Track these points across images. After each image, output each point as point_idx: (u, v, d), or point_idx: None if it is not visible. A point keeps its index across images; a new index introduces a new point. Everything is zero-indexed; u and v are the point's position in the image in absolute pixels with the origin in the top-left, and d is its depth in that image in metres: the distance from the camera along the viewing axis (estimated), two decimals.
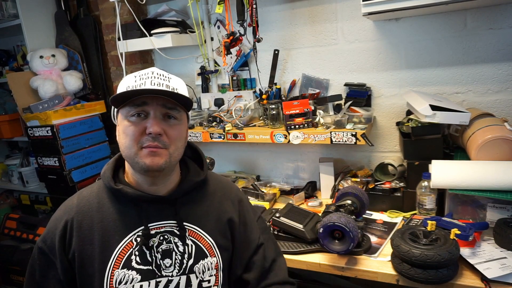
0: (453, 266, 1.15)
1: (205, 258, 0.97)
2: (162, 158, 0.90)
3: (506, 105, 1.62)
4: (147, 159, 0.89)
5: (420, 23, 1.67)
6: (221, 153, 2.28)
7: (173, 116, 0.93)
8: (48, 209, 2.60)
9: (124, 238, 0.93)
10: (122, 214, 0.95)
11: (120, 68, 2.23)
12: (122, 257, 0.92)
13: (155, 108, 0.90)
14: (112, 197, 0.97)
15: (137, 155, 0.90)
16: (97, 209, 0.95)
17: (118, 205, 0.96)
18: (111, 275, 0.90)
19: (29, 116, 2.23)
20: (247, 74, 2.10)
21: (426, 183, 1.48)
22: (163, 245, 0.94)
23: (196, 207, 1.01)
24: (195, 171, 1.05)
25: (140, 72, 0.94)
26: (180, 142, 0.95)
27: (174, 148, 0.93)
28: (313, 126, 1.76)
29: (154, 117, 0.89)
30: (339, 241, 1.29)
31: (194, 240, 0.97)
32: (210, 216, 1.02)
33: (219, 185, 1.09)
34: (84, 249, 0.92)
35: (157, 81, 0.91)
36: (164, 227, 0.95)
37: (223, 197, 1.07)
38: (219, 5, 1.74)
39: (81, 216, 0.94)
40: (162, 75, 0.94)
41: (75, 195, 1.01)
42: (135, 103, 0.90)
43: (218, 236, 1.01)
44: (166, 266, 0.94)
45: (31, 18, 2.41)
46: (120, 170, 1.02)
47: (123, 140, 0.92)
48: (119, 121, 0.94)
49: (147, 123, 0.89)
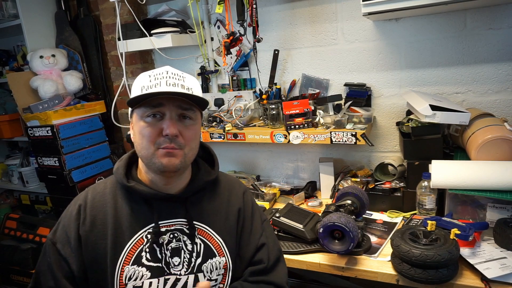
0: (453, 266, 1.15)
1: (214, 258, 0.98)
2: (177, 159, 0.91)
3: (506, 105, 1.62)
4: (164, 159, 0.90)
5: (420, 23, 1.67)
6: (221, 153, 2.28)
7: (189, 116, 0.94)
8: (48, 209, 2.60)
9: (135, 234, 0.94)
10: (134, 210, 0.96)
11: (120, 68, 2.23)
12: (133, 254, 0.93)
13: (171, 109, 0.90)
14: (125, 194, 0.98)
15: (154, 155, 0.91)
16: (111, 205, 0.96)
17: (130, 202, 0.97)
18: (121, 271, 0.91)
19: (29, 116, 2.23)
20: (247, 74, 2.10)
21: (426, 183, 1.48)
22: (173, 243, 0.95)
23: (206, 206, 1.02)
24: (206, 170, 1.06)
25: (154, 71, 0.94)
26: (194, 142, 0.96)
27: (189, 148, 0.94)
28: (313, 126, 1.76)
29: (170, 118, 0.90)
30: (339, 241, 1.29)
31: (203, 239, 0.98)
32: (219, 215, 1.02)
33: (229, 185, 1.10)
34: (98, 244, 0.93)
35: (172, 81, 0.91)
36: (174, 225, 0.97)
37: (233, 197, 1.08)
38: (219, 5, 1.74)
39: (95, 209, 0.96)
40: (177, 74, 0.94)
41: (90, 189, 1.02)
42: (151, 104, 0.90)
43: (227, 236, 1.01)
44: (175, 264, 0.94)
45: (31, 18, 2.41)
46: (133, 167, 1.03)
47: (139, 140, 0.93)
48: (135, 121, 0.95)
49: (163, 124, 0.90)
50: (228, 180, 1.13)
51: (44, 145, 2.22)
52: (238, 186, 1.13)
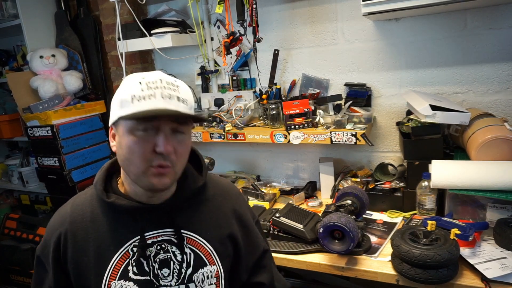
0: (453, 266, 1.15)
1: (205, 267, 0.94)
2: (169, 178, 0.86)
3: (506, 105, 1.62)
4: (154, 180, 0.84)
5: (420, 23, 1.67)
6: (221, 153, 2.28)
7: (181, 131, 0.86)
8: (48, 209, 2.60)
9: (120, 248, 0.89)
10: (116, 224, 0.91)
11: (120, 68, 2.23)
12: (119, 268, 0.89)
13: (165, 123, 0.83)
14: (106, 208, 0.92)
15: (145, 174, 0.84)
16: (90, 219, 0.91)
17: (112, 214, 0.92)
18: (108, 286, 0.88)
19: (29, 116, 2.23)
20: (247, 74, 2.10)
21: (426, 183, 1.48)
22: (161, 254, 0.91)
23: (194, 214, 0.97)
24: (193, 176, 0.99)
25: (145, 77, 0.84)
26: (185, 157, 0.91)
27: (180, 165, 0.89)
28: (313, 126, 1.76)
29: (165, 135, 0.83)
30: (339, 241, 1.29)
31: (192, 248, 0.94)
32: (209, 223, 0.98)
33: (218, 189, 1.04)
34: (79, 261, 0.89)
35: (167, 92, 0.83)
36: (161, 236, 0.92)
37: (223, 202, 1.03)
38: (219, 5, 1.74)
39: (74, 227, 0.91)
40: (171, 83, 0.86)
41: (69, 202, 0.97)
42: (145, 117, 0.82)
43: (218, 244, 0.97)
44: (164, 276, 0.90)
45: (31, 18, 2.41)
46: (114, 177, 0.97)
47: (127, 155, 0.84)
48: (121, 132, 0.85)
49: (157, 141, 0.82)
50: (219, 184, 1.06)
51: (44, 145, 2.22)
52: (230, 190, 1.08)
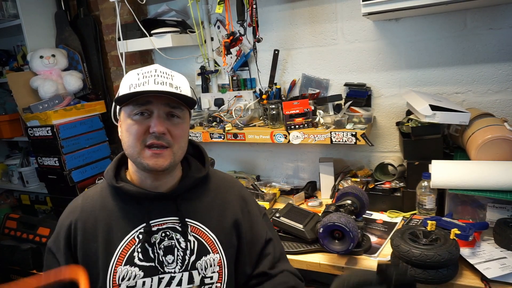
0: (453, 266, 1.15)
1: (208, 255, 0.97)
2: (166, 160, 0.91)
3: (506, 105, 1.62)
4: (150, 161, 0.90)
5: (420, 23, 1.67)
6: (221, 153, 2.28)
7: (177, 115, 0.93)
8: (48, 209, 2.60)
9: (127, 235, 0.94)
10: (124, 211, 0.96)
11: (120, 68, 2.23)
12: (125, 254, 0.93)
13: (158, 107, 0.90)
14: (115, 195, 0.98)
15: (140, 155, 0.91)
16: (100, 208, 0.97)
17: (120, 203, 0.97)
18: (114, 271, 0.92)
19: (29, 116, 2.23)
20: (247, 74, 2.10)
21: (426, 183, 1.48)
22: (165, 241, 0.95)
23: (198, 203, 1.02)
24: (197, 167, 1.05)
25: (143, 69, 0.94)
26: (183, 140, 0.96)
27: (178, 147, 0.94)
28: (313, 126, 1.76)
29: (158, 117, 0.90)
30: (339, 241, 1.29)
31: (196, 236, 0.98)
32: (212, 213, 1.02)
33: (222, 182, 1.09)
34: (88, 248, 0.94)
35: (161, 79, 0.91)
36: (166, 224, 0.96)
37: (227, 194, 1.07)
38: (219, 5, 1.74)
39: (85, 215, 0.97)
40: (166, 72, 0.94)
41: (81, 195, 1.03)
42: (139, 102, 0.90)
43: (221, 233, 1.00)
44: (169, 262, 0.94)
45: (31, 18, 2.41)
46: (123, 168, 1.03)
47: (126, 138, 0.93)
48: (122, 119, 0.95)
49: (151, 122, 0.90)
50: (222, 177, 1.12)
51: (44, 145, 2.22)
52: (233, 183, 1.13)
